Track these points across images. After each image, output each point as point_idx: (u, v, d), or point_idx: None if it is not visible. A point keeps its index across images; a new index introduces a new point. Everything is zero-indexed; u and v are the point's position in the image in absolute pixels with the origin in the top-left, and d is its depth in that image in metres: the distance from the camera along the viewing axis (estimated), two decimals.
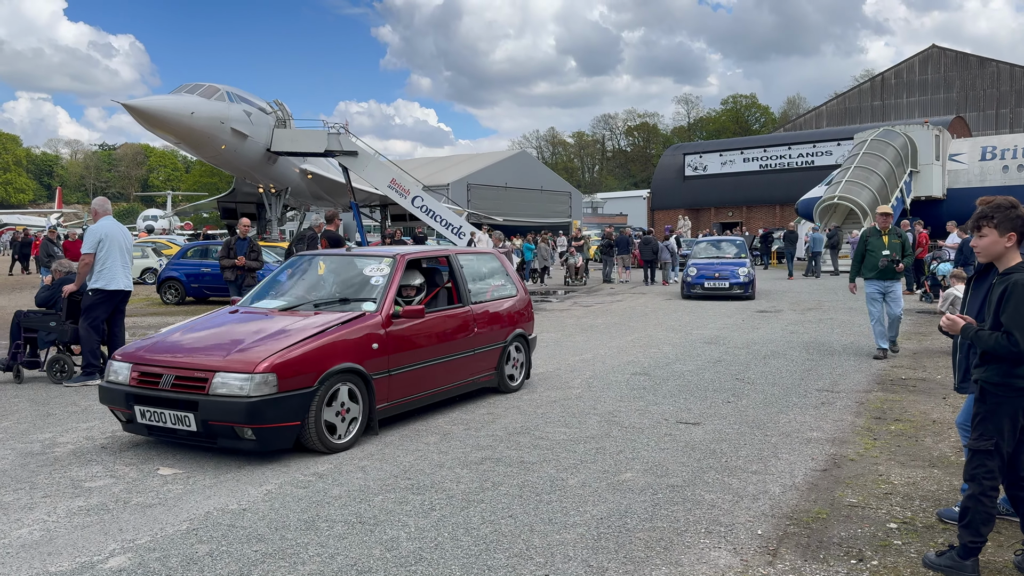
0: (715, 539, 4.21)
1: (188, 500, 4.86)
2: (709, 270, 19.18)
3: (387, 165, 30.09)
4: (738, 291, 18.67)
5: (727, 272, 18.91)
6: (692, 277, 19.22)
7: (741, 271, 18.87)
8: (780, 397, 7.80)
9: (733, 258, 20.27)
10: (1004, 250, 3.77)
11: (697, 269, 19.42)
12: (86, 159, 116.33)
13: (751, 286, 18.83)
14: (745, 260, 19.72)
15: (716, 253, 20.95)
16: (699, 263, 19.90)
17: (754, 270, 19.54)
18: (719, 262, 19.73)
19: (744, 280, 18.70)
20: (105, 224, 9.02)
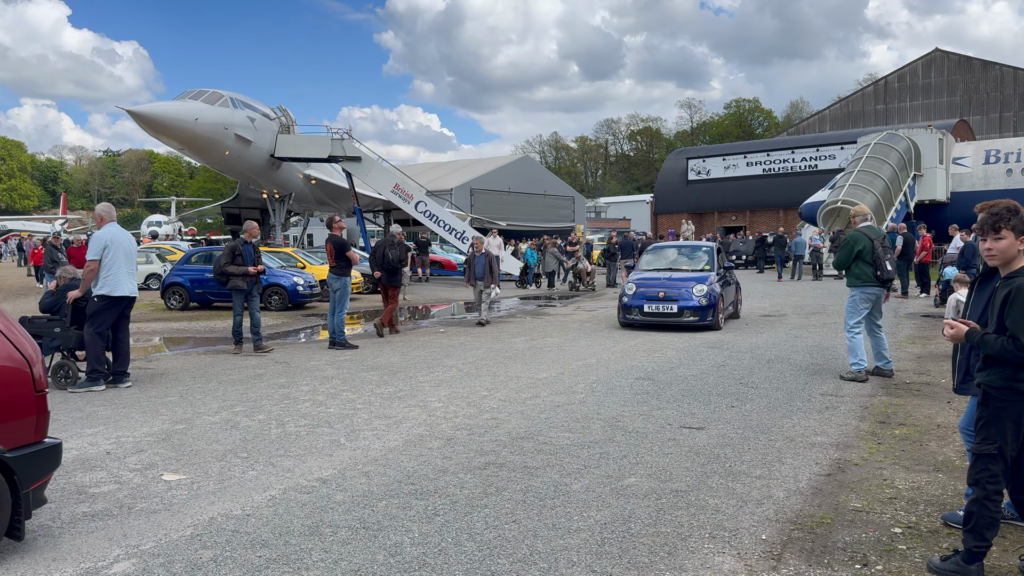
0: (719, 544, 4.21)
1: (192, 506, 4.87)
2: (652, 288, 13.84)
3: (390, 170, 30.14)
4: (690, 318, 13.36)
5: (677, 291, 13.60)
6: (628, 297, 13.90)
7: (697, 290, 13.51)
8: (784, 401, 7.79)
9: (691, 271, 14.65)
10: (1017, 253, 3.75)
11: (636, 286, 13.97)
12: (90, 165, 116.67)
13: (712, 311, 13.38)
14: (708, 274, 14.23)
15: (670, 263, 15.36)
16: (642, 278, 14.44)
17: (719, 287, 13.91)
18: (668, 277, 14.27)
19: (700, 303, 13.35)
20: (110, 230, 9.05)
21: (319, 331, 15.45)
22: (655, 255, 15.91)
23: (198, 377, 9.66)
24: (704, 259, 15.15)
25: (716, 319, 13.47)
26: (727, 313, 14.63)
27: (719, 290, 13.82)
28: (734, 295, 15.37)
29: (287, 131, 28.52)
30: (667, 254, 15.85)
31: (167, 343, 13.85)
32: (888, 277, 8.82)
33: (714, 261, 14.93)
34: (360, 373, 9.78)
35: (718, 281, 14.04)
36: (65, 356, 9.07)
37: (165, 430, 6.89)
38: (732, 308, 15.13)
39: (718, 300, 13.59)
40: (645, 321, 13.76)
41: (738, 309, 15.69)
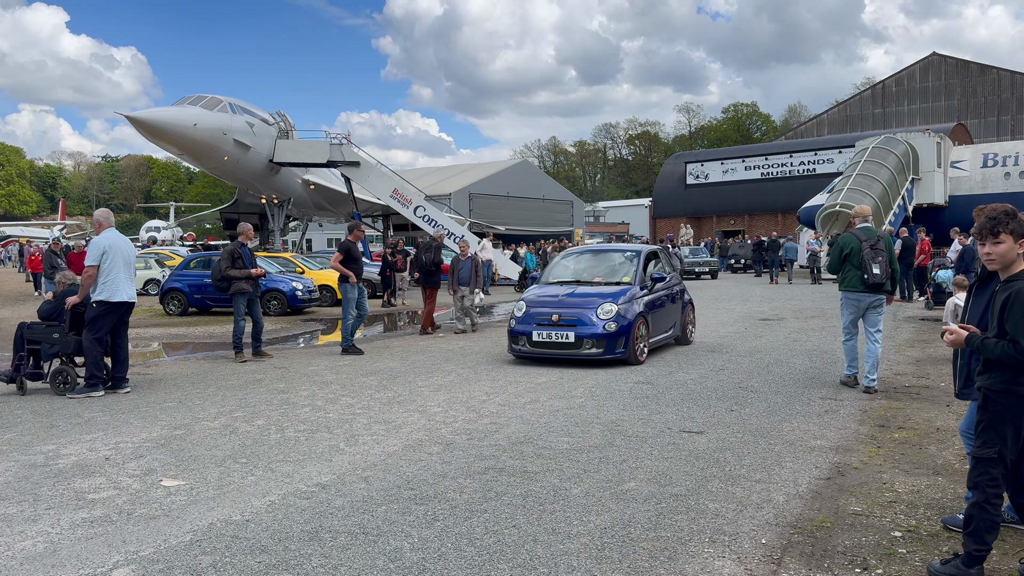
0: (719, 548, 4.20)
1: (191, 511, 4.86)
2: (545, 307, 10.66)
3: (389, 175, 30.17)
4: (591, 350, 10.15)
5: (577, 313, 10.36)
6: (516, 321, 10.78)
7: (603, 311, 10.21)
8: (783, 405, 7.79)
9: (605, 284, 11.21)
10: (1016, 257, 3.75)
11: (527, 306, 10.85)
12: (89, 171, 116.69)
13: (624, 340, 10.14)
14: (626, 289, 10.83)
15: (581, 273, 11.90)
16: (538, 294, 11.27)
17: (642, 306, 10.70)
18: (571, 293, 10.95)
19: (606, 328, 10.08)
20: (108, 236, 9.05)
21: (318, 336, 15.45)
22: (567, 262, 12.50)
23: (197, 382, 9.66)
24: (626, 268, 11.51)
25: (630, 350, 10.18)
26: (664, 339, 11.61)
27: (639, 310, 10.52)
28: (678, 316, 12.13)
29: (286, 136, 28.55)
30: (581, 261, 12.43)
31: (166, 348, 13.84)
32: (875, 282, 8.35)
33: (638, 271, 11.27)
34: (359, 378, 9.78)
35: (642, 298, 10.82)
36: (64, 362, 9.06)
37: (164, 436, 6.88)
38: (674, 332, 12.00)
39: (634, 325, 10.24)
40: (533, 353, 10.47)
41: (687, 333, 12.46)
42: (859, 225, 8.77)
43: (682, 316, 12.36)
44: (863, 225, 8.74)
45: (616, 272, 11.58)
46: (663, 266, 12.37)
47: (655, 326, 11.15)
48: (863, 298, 8.46)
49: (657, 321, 11.24)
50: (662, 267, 12.25)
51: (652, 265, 11.92)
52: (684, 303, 12.54)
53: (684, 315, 12.45)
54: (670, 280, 12.06)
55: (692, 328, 12.85)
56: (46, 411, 8.01)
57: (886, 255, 8.38)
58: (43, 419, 7.63)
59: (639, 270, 11.36)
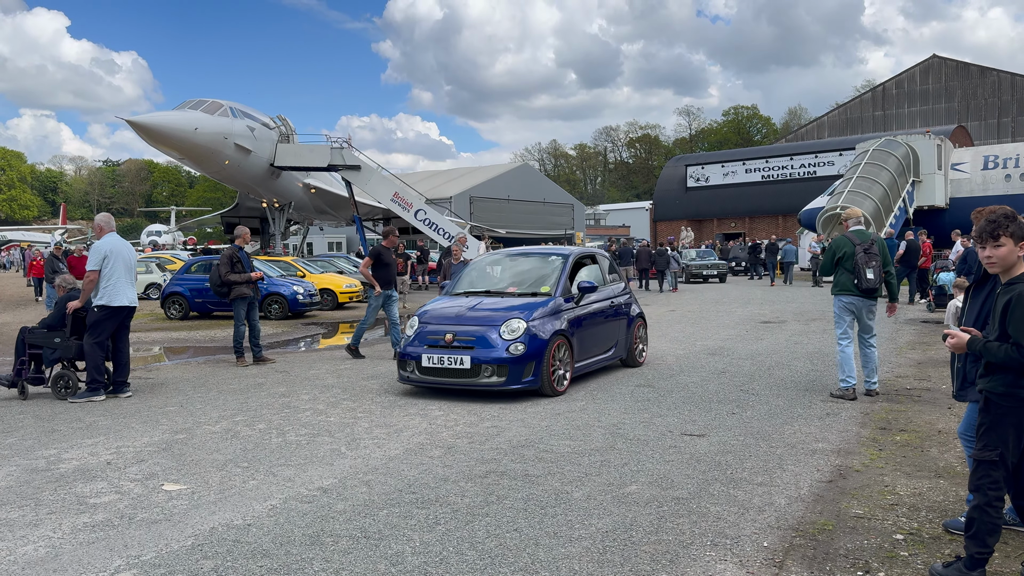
0: (721, 551, 4.20)
1: (193, 516, 4.86)
2: (441, 324, 8.79)
3: (390, 179, 30.19)
4: (491, 378, 8.30)
5: (476, 332, 8.51)
6: (407, 341, 8.89)
7: (509, 330, 8.40)
8: (785, 408, 7.78)
9: (519, 295, 9.25)
10: (1017, 260, 3.75)
11: (420, 322, 9.02)
12: (90, 175, 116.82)
13: (534, 365, 8.33)
14: (544, 301, 8.91)
15: (495, 281, 10.01)
16: (437, 307, 9.30)
17: (564, 323, 8.83)
18: (475, 306, 9.02)
19: (511, 352, 8.26)
20: (109, 240, 9.06)
21: (319, 340, 15.45)
22: (482, 267, 10.55)
23: (198, 387, 9.66)
24: (548, 275, 9.51)
25: (543, 378, 8.35)
26: (600, 362, 9.75)
27: (558, 328, 8.65)
28: (622, 333, 10.23)
29: (286, 140, 28.58)
30: (498, 266, 10.52)
31: (167, 353, 13.85)
32: (868, 287, 8.12)
33: (561, 279, 9.27)
34: (360, 382, 9.78)
35: (565, 312, 8.96)
36: (65, 366, 9.07)
37: (165, 440, 6.88)
38: (615, 352, 10.13)
39: (549, 346, 8.40)
40: (423, 382, 8.63)
41: (636, 353, 10.56)
42: (852, 228, 8.55)
43: (628, 333, 10.37)
44: (856, 228, 8.54)
45: (535, 280, 9.54)
46: (603, 272, 10.46)
47: (584, 346, 9.27)
48: (856, 302, 8.29)
49: (588, 340, 9.35)
50: (602, 273, 10.41)
51: (588, 271, 10.06)
52: (631, 317, 10.51)
53: (631, 332, 10.44)
54: (610, 290, 10.26)
55: (643, 347, 10.81)
56: (48, 416, 8.02)
57: (880, 259, 8.21)
58: (44, 424, 7.63)
59: (562, 278, 9.29)
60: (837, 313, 8.45)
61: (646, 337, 11.10)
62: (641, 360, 10.76)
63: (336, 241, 63.21)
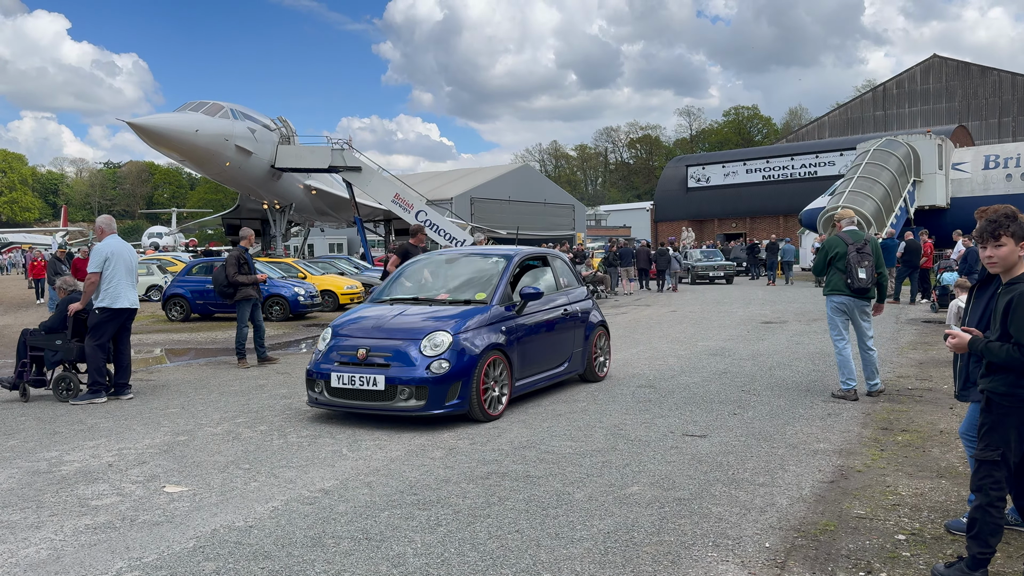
0: (723, 552, 4.20)
1: (194, 518, 4.87)
2: (355, 339, 7.60)
3: (390, 180, 30.22)
4: (409, 402, 7.15)
5: (393, 347, 7.35)
6: (319, 356, 7.72)
7: (433, 343, 7.30)
8: (786, 408, 7.78)
9: (451, 303, 8.07)
10: (1018, 259, 3.75)
11: (334, 336, 7.82)
12: (91, 177, 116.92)
13: (461, 386, 7.22)
14: (480, 308, 7.84)
15: (431, 285, 8.84)
16: (353, 320, 7.99)
17: (500, 335, 7.72)
18: (399, 314, 7.83)
19: (434, 371, 7.14)
20: (111, 242, 9.07)
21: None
22: (414, 270, 9.18)
23: (200, 388, 9.66)
24: (485, 280, 8.38)
25: (473, 400, 7.24)
26: (549, 378, 8.60)
27: (493, 341, 7.53)
28: (578, 345, 9.12)
29: (287, 142, 28.61)
30: (431, 269, 9.18)
31: (168, 355, 13.85)
32: (860, 287, 8.08)
33: (500, 284, 8.12)
34: None
35: (502, 322, 7.81)
36: (67, 368, 9.07)
37: (167, 442, 6.89)
38: (570, 367, 8.99)
39: (480, 363, 7.27)
40: (333, 405, 7.46)
41: (596, 366, 9.47)
42: (845, 228, 8.50)
43: (585, 344, 9.27)
44: (849, 228, 8.49)
45: (471, 286, 8.40)
46: (556, 276, 9.29)
47: (528, 361, 8.12)
48: (848, 302, 8.25)
49: (533, 354, 8.23)
50: (555, 277, 9.25)
51: (536, 275, 9.07)
52: (589, 326, 9.40)
53: (589, 343, 9.34)
54: (564, 296, 9.10)
55: (605, 359, 9.73)
56: (49, 418, 8.02)
57: (872, 259, 8.17)
58: (46, 426, 7.64)
59: (502, 283, 8.14)
60: (830, 314, 8.41)
61: (608, 348, 9.92)
62: (602, 375, 9.63)
63: (337, 243, 63.23)
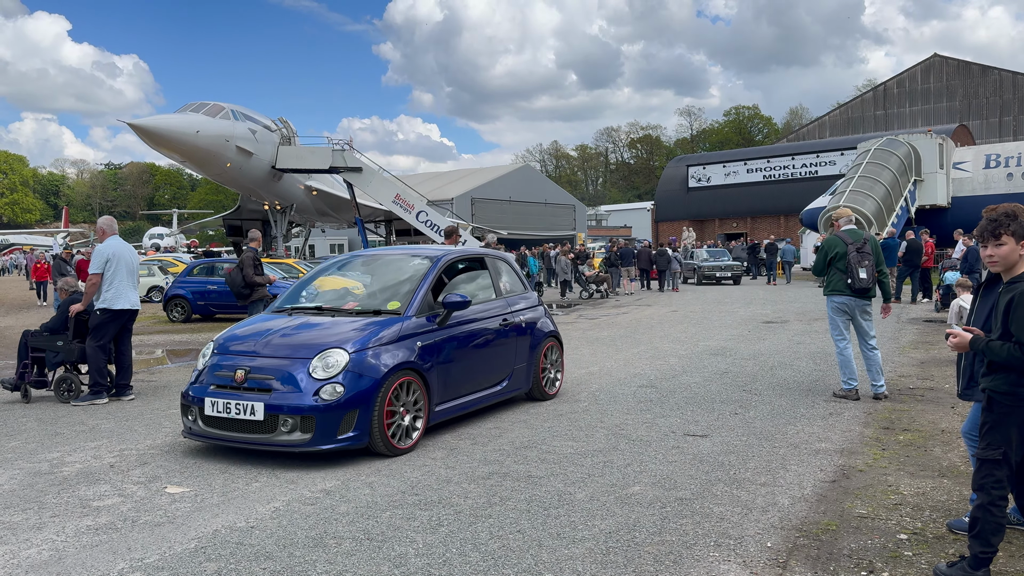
0: (724, 552, 4.19)
1: (196, 518, 4.87)
2: (237, 358, 6.41)
3: (391, 180, 30.23)
4: (294, 435, 5.89)
5: (278, 369, 6.14)
6: (197, 376, 6.54)
7: (325, 364, 6.08)
8: (788, 408, 7.77)
9: (358, 314, 6.91)
10: (1019, 258, 3.75)
11: (216, 351, 6.66)
12: (92, 178, 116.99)
13: (360, 415, 5.98)
14: (389, 320, 6.62)
15: (340, 292, 7.77)
16: (240, 334, 6.84)
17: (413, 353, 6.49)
18: (296, 327, 6.68)
19: (322, 398, 5.91)
20: (112, 244, 9.07)
21: None
22: (327, 273, 8.18)
23: None
24: (405, 286, 7.16)
25: (374, 432, 6.05)
26: (484, 399, 7.50)
27: (402, 360, 6.34)
28: (521, 360, 8.02)
29: (288, 143, 28.62)
30: (347, 271, 8.16)
31: (169, 355, 13.86)
32: (861, 286, 8.00)
33: (418, 292, 6.96)
34: None
35: (416, 337, 6.63)
36: (68, 369, 9.07)
37: (168, 443, 6.89)
38: (510, 385, 7.84)
39: (382, 388, 6.10)
40: (208, 436, 6.26)
41: (544, 383, 8.37)
42: (844, 227, 8.42)
43: (531, 358, 8.15)
44: (848, 227, 8.41)
45: (385, 293, 7.24)
46: (496, 281, 8.17)
47: (453, 381, 6.98)
48: (849, 302, 8.19)
49: (460, 373, 7.09)
50: (494, 282, 8.12)
51: (466, 280, 7.95)
52: (536, 338, 8.27)
53: (536, 356, 8.22)
54: (503, 303, 7.99)
55: (556, 374, 8.66)
56: (50, 419, 8.02)
57: (872, 258, 8.11)
58: (48, 427, 7.64)
59: (421, 290, 6.97)
60: (830, 314, 8.36)
61: (560, 362, 8.82)
62: (552, 392, 8.51)
63: (338, 243, 63.25)
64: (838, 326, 8.29)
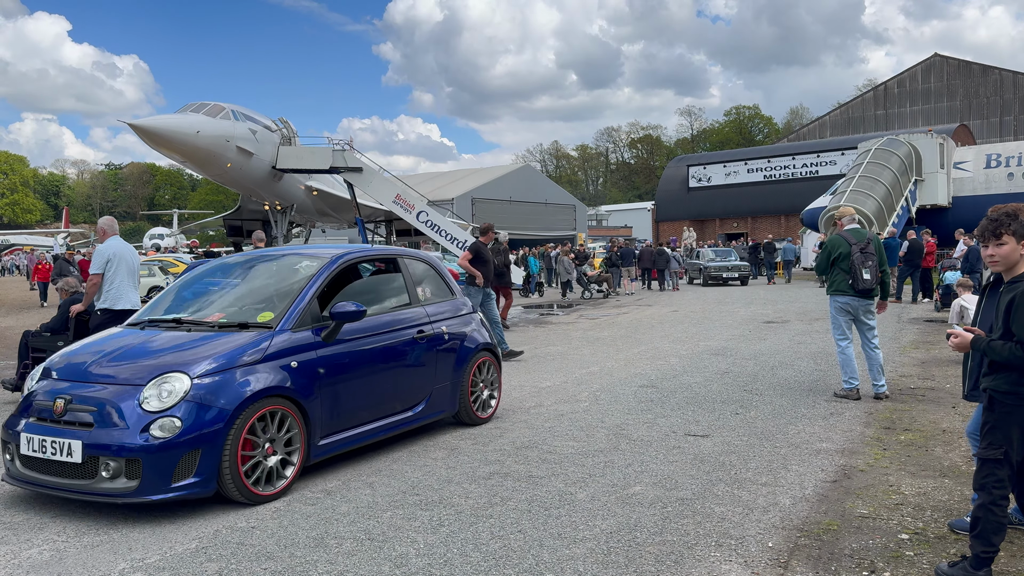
0: (726, 552, 4.19)
1: (197, 518, 4.86)
2: (56, 388, 5.19)
3: (392, 181, 30.23)
4: (118, 482, 4.74)
5: (104, 398, 4.97)
6: (20, 407, 5.34)
7: (160, 392, 4.93)
8: (789, 408, 7.77)
9: (222, 327, 5.65)
10: (1020, 258, 3.76)
11: (42, 376, 5.47)
12: (92, 179, 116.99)
13: (204, 457, 4.84)
14: (261, 335, 5.42)
15: (212, 298, 6.36)
16: (78, 351, 5.71)
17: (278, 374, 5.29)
18: (137, 349, 5.45)
19: (156, 435, 4.76)
20: (112, 244, 9.06)
21: None
22: (200, 276, 6.86)
23: None
24: (285, 294, 5.98)
25: (225, 477, 4.97)
26: (394, 426, 6.33)
27: (265, 385, 5.21)
28: (442, 379, 6.86)
29: (288, 143, 28.61)
30: (224, 275, 6.76)
31: None
32: (865, 287, 7.96)
33: (300, 301, 5.79)
34: None
35: (304, 353, 5.57)
36: None
37: None
38: (425, 408, 6.65)
39: (234, 421, 4.99)
40: (23, 480, 5.14)
41: (472, 406, 7.19)
42: (847, 227, 8.35)
43: (457, 376, 7.01)
44: (851, 227, 8.35)
45: (259, 302, 6.04)
46: (410, 286, 6.91)
47: (346, 408, 5.84)
48: (852, 303, 8.16)
49: (354, 398, 5.92)
50: (409, 287, 6.89)
51: (375, 286, 6.88)
52: (464, 352, 7.12)
53: (463, 374, 7.08)
54: (415, 313, 6.73)
55: (492, 393, 7.52)
56: None
57: (876, 259, 8.05)
58: None
59: (303, 298, 5.78)
60: (833, 314, 8.32)
61: (498, 380, 7.63)
62: (485, 415, 7.35)
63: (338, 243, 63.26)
64: (840, 326, 8.27)
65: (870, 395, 8.24)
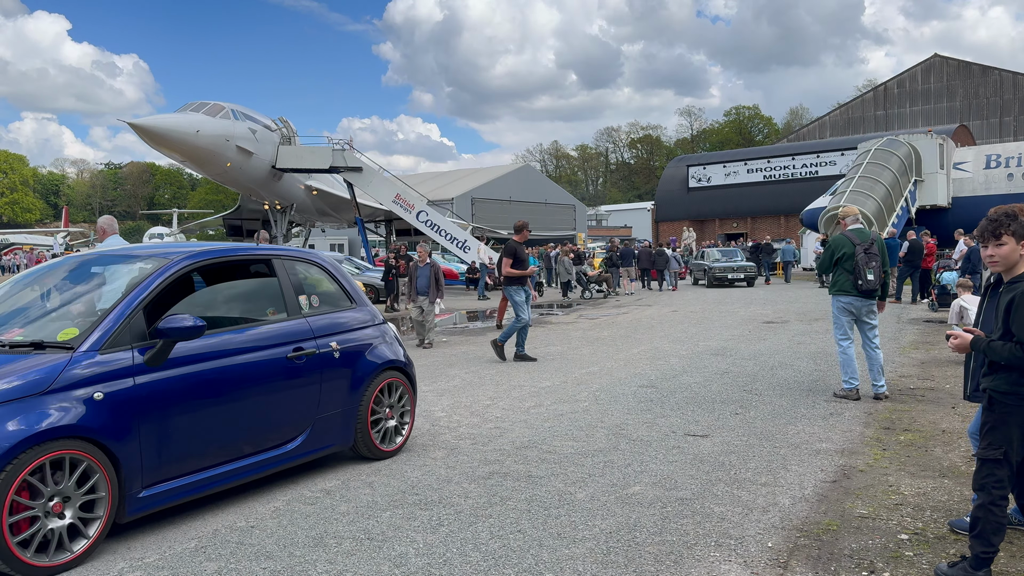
0: (725, 552, 4.19)
1: (196, 518, 4.86)
2: None
3: (391, 180, 30.25)
4: None
5: None
6: None
7: None
8: (788, 408, 7.77)
9: (18, 344, 4.40)
10: (1019, 258, 3.76)
11: None
12: (92, 178, 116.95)
13: None
14: (59, 360, 4.20)
15: (19, 313, 5.02)
16: None
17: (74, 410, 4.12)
18: None
19: None
20: (112, 243, 9.06)
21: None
22: (28, 284, 5.45)
23: None
24: (103, 303, 4.90)
25: None
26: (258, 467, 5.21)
27: (56, 424, 4.02)
28: (338, 405, 5.78)
29: (288, 142, 28.63)
30: (47, 282, 5.44)
31: None
32: (868, 288, 7.93)
33: (115, 314, 4.58)
34: None
35: (108, 381, 4.35)
36: None
37: None
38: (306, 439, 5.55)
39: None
40: None
41: (372, 436, 6.01)
42: (851, 226, 8.30)
43: (351, 402, 5.90)
44: (855, 227, 8.30)
45: (69, 316, 4.91)
46: (287, 293, 5.69)
47: (183, 449, 4.73)
48: (855, 303, 8.09)
49: (196, 435, 4.81)
50: (285, 295, 5.67)
51: (237, 294, 5.71)
52: (362, 372, 6.00)
53: (359, 399, 5.95)
54: (293, 325, 5.57)
55: (401, 420, 6.37)
56: None
57: (880, 259, 8.02)
58: None
59: (118, 312, 4.63)
60: (835, 314, 8.31)
61: (411, 404, 6.48)
62: (391, 448, 6.20)
63: (338, 243, 63.26)
64: (842, 326, 8.25)
65: (870, 395, 8.24)
